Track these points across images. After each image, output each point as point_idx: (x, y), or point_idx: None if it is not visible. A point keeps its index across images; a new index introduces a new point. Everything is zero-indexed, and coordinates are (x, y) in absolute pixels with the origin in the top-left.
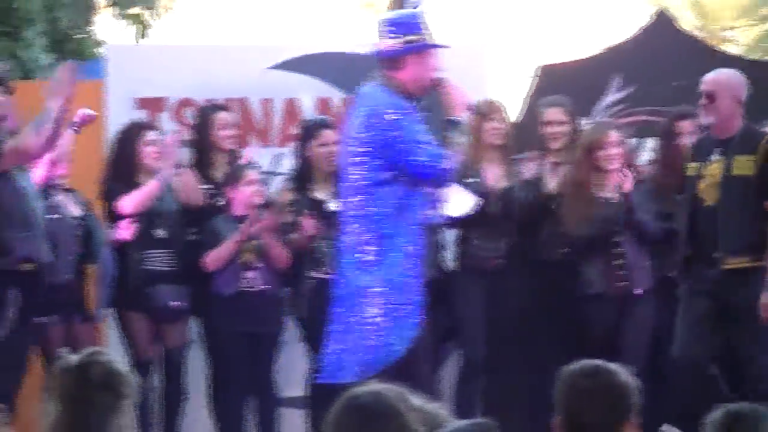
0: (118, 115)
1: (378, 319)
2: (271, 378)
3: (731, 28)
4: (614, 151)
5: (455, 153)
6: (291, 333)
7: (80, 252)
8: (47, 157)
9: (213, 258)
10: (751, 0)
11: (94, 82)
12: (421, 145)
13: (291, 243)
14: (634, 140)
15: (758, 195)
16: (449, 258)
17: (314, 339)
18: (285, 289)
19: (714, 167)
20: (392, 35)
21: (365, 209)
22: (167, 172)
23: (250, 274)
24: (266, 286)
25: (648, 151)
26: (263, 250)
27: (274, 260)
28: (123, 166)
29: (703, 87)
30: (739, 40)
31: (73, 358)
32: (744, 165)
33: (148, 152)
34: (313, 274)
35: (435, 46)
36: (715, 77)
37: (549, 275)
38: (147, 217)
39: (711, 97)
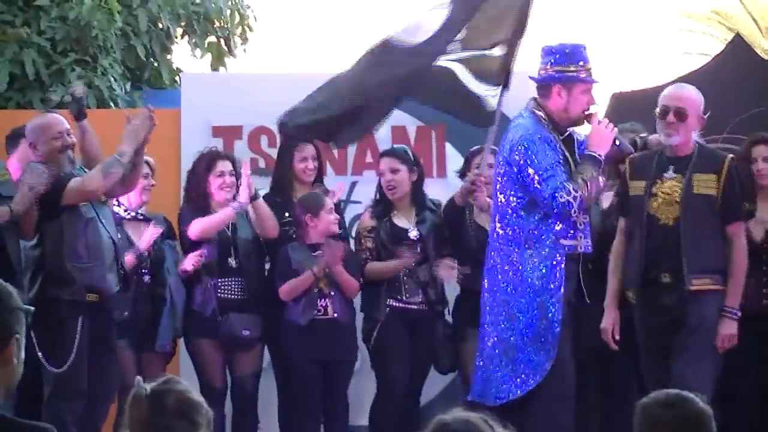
0: (194, 143)
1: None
2: (343, 406)
3: None
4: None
5: (582, 187)
6: (363, 361)
7: (148, 281)
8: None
9: (289, 289)
10: None
11: (171, 111)
12: (546, 176)
13: (376, 274)
14: None
15: (721, 217)
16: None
17: (383, 366)
18: (357, 316)
19: (670, 185)
20: (544, 62)
21: (504, 232)
22: (241, 202)
23: (322, 303)
24: (337, 314)
25: None
26: (335, 278)
27: (346, 289)
28: (196, 195)
29: (670, 103)
30: None
31: (148, 386)
32: (705, 184)
33: (218, 184)
34: (391, 302)
35: (581, 80)
36: (683, 94)
37: None
38: (220, 246)
39: (682, 115)
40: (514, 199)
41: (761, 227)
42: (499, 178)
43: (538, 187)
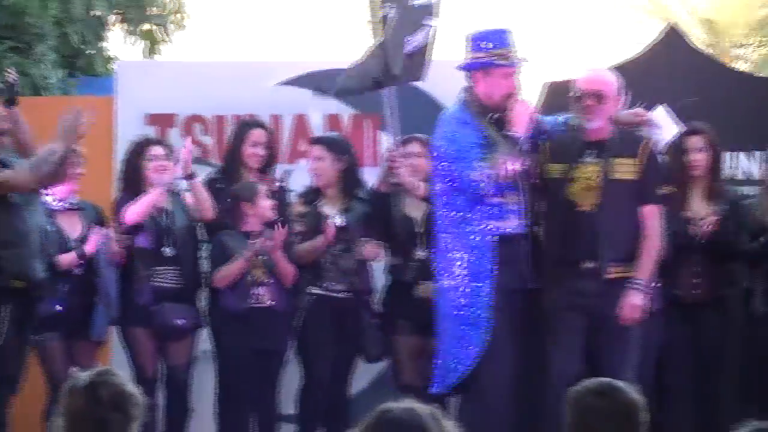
0: (128, 131)
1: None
2: (275, 395)
3: (742, 46)
4: None
5: (494, 166)
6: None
7: (81, 271)
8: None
9: (222, 275)
10: (763, 17)
11: (105, 98)
12: (457, 157)
13: (301, 256)
14: None
15: (638, 200)
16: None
17: (307, 355)
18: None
19: (589, 170)
20: (467, 49)
21: (441, 216)
22: (166, 182)
23: (258, 291)
24: (273, 302)
25: None
26: (272, 266)
27: (283, 276)
28: (131, 181)
29: (587, 87)
30: (749, 58)
31: (83, 378)
32: (625, 169)
33: (151, 167)
34: (313, 290)
35: (497, 65)
36: (601, 77)
37: None
38: (156, 235)
39: (600, 97)
40: (443, 184)
41: (695, 219)
42: (432, 166)
43: (454, 164)
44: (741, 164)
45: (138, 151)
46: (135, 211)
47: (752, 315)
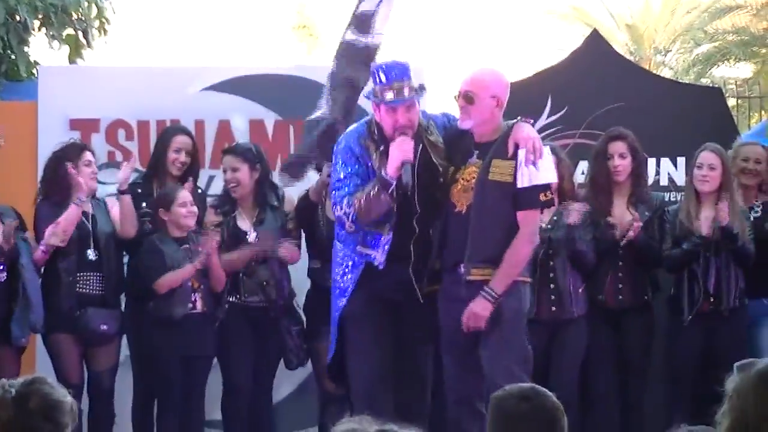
0: (51, 136)
1: None
2: (201, 401)
3: (664, 52)
4: None
5: (355, 202)
6: None
7: (4, 277)
8: None
9: (167, 281)
10: (684, 25)
11: (28, 103)
12: (337, 186)
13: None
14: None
15: (513, 203)
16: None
17: (226, 362)
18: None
19: (470, 171)
20: (372, 80)
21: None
22: (82, 198)
23: (194, 297)
24: (206, 309)
25: (581, 173)
26: (209, 272)
27: (216, 282)
28: (56, 188)
29: (460, 87)
30: (672, 64)
31: (11, 388)
32: (502, 170)
33: (86, 173)
34: (230, 299)
35: (376, 101)
36: (473, 77)
37: None
38: (78, 239)
39: (468, 98)
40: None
41: (618, 224)
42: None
43: (331, 195)
44: (664, 170)
45: (69, 156)
46: (57, 231)
47: (676, 321)
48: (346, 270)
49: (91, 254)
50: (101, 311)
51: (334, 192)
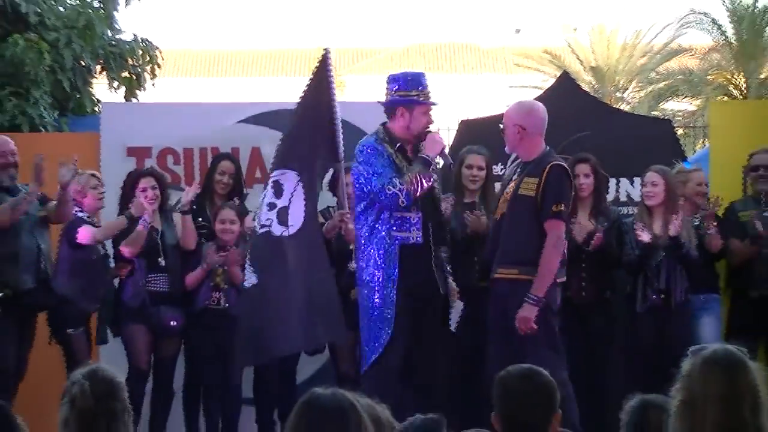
0: (111, 162)
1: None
2: (238, 382)
3: (624, 89)
4: None
5: (408, 181)
6: None
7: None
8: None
9: (189, 279)
10: (640, 66)
11: (92, 134)
12: (375, 176)
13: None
14: None
15: (535, 214)
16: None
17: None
18: None
19: (512, 186)
20: (390, 88)
21: (359, 233)
22: (146, 219)
23: (216, 295)
24: (227, 305)
25: None
26: (229, 276)
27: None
28: (124, 206)
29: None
30: (630, 100)
31: (84, 380)
32: (529, 186)
33: (144, 196)
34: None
35: (420, 102)
36: (505, 111)
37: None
38: (152, 248)
39: (501, 129)
40: (361, 204)
41: (582, 231)
42: (354, 189)
43: (372, 182)
44: (623, 188)
45: (131, 181)
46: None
47: (633, 314)
48: (378, 262)
49: (161, 261)
50: (170, 307)
51: (374, 178)
